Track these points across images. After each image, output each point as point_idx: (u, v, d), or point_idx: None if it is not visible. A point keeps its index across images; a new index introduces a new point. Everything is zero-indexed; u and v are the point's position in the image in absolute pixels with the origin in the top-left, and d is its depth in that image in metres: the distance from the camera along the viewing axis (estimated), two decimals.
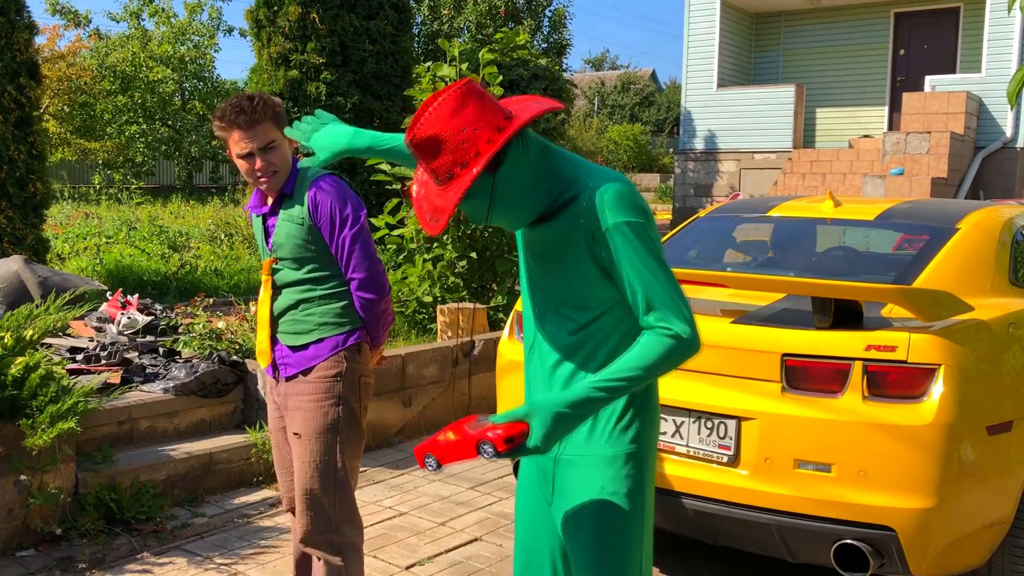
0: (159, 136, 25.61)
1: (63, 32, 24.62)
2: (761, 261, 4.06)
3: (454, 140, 1.75)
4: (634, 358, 1.80)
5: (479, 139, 1.76)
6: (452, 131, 1.75)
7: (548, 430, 1.74)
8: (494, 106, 1.79)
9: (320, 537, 2.78)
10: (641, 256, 1.81)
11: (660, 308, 1.81)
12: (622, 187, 1.83)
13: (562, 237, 1.88)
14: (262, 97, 2.64)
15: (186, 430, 4.74)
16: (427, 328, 7.03)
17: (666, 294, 1.82)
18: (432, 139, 1.77)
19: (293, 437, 2.76)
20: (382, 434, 5.42)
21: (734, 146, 16.33)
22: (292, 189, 2.73)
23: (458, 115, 1.76)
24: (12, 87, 8.19)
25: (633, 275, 1.82)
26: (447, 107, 1.76)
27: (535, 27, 21.80)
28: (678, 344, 1.80)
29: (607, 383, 1.78)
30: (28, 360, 3.77)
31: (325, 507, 2.75)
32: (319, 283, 2.74)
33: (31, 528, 3.83)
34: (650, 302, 1.82)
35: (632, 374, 1.79)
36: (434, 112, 1.77)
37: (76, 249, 10.52)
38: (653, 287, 1.81)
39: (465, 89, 1.78)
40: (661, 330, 1.81)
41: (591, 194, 1.83)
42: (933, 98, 13.65)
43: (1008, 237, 3.71)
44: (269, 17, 11.61)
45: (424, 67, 7.67)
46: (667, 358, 1.80)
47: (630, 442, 1.92)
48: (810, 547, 3.01)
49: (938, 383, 2.87)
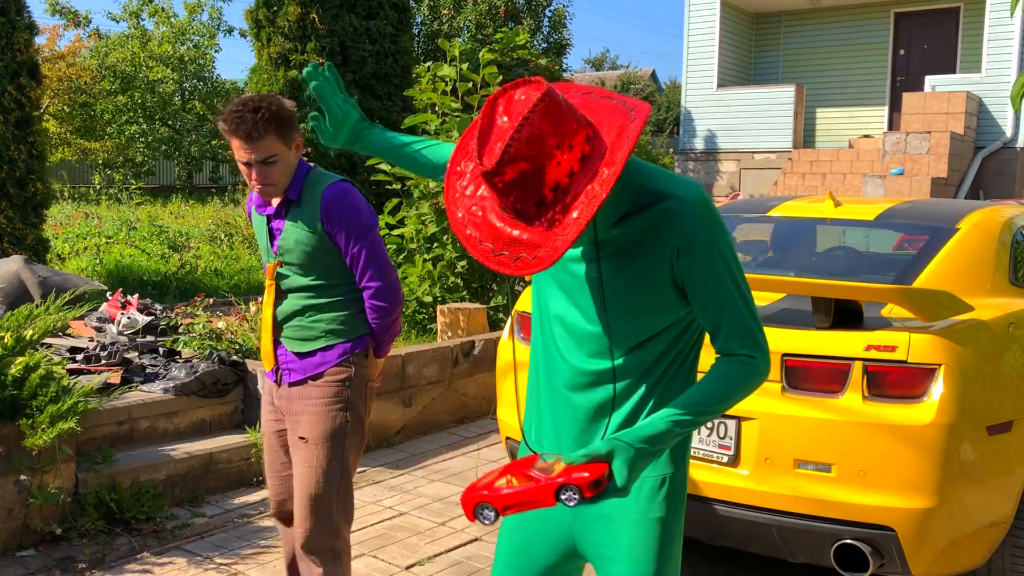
0: (159, 136, 25.61)
1: (63, 32, 24.65)
2: (761, 261, 4.06)
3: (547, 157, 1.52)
4: (716, 386, 1.68)
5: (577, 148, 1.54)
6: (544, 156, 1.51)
7: (632, 470, 1.60)
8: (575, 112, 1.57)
9: (322, 543, 2.73)
10: (732, 277, 1.70)
11: (745, 334, 1.71)
12: (706, 197, 1.71)
13: (644, 238, 1.71)
14: (268, 107, 2.51)
15: (186, 430, 4.74)
16: (427, 328, 7.03)
17: (752, 320, 1.72)
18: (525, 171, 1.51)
19: (298, 441, 2.71)
20: (382, 434, 5.42)
21: (734, 146, 16.33)
22: (300, 195, 2.65)
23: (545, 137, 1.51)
24: (12, 87, 8.19)
25: (721, 296, 1.69)
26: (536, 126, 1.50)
27: (535, 27, 21.79)
28: (759, 372, 1.71)
29: (688, 415, 1.65)
30: (28, 360, 3.77)
31: (331, 512, 2.72)
32: (327, 290, 2.69)
33: (31, 528, 3.83)
34: (736, 327, 1.70)
35: (715, 404, 1.67)
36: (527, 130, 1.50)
37: (76, 249, 10.53)
38: (740, 312, 1.70)
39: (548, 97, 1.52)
40: (745, 358, 1.71)
41: (679, 207, 1.68)
42: (933, 98, 13.65)
43: (1008, 237, 3.71)
44: (269, 17, 11.62)
45: (424, 67, 7.67)
46: (747, 387, 1.71)
47: (674, 464, 1.82)
48: (810, 547, 3.01)
49: (938, 383, 2.87)
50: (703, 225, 1.67)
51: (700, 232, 1.67)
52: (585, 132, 1.55)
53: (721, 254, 1.69)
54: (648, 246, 1.70)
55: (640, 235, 1.71)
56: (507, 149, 1.49)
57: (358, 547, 3.94)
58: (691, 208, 1.67)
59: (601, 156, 1.55)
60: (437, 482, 4.82)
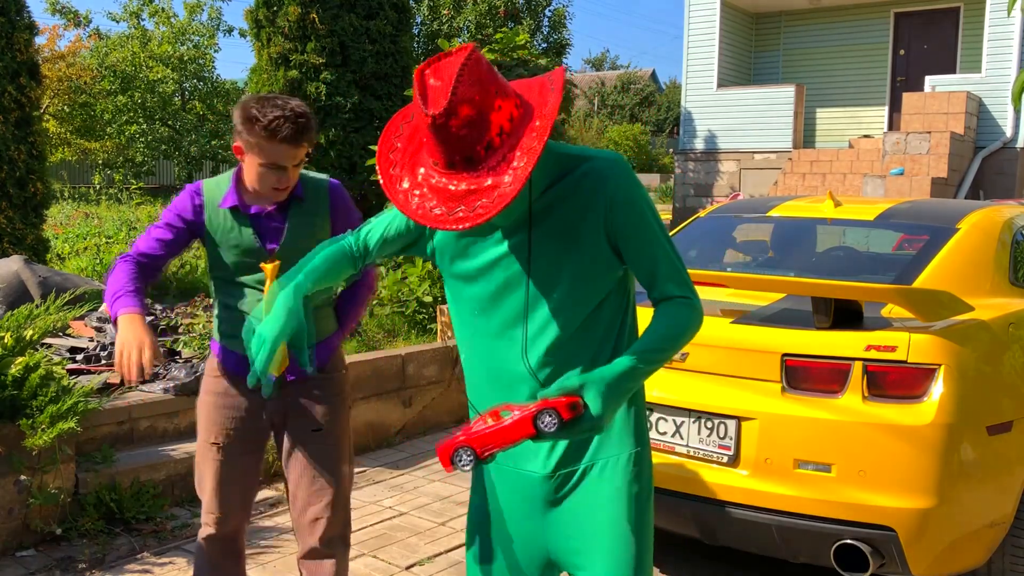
0: (159, 136, 25.62)
1: (63, 32, 24.66)
2: (761, 261, 4.06)
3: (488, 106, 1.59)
4: (666, 327, 1.75)
5: (511, 104, 1.63)
6: (487, 96, 1.59)
7: (605, 402, 1.64)
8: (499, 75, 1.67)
9: (340, 531, 2.71)
10: (660, 227, 1.80)
11: (679, 278, 1.80)
12: (622, 160, 1.81)
13: (574, 202, 1.79)
14: (306, 113, 2.52)
15: (186, 430, 4.74)
16: (427, 328, 7.03)
17: (681, 265, 1.81)
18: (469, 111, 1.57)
19: (311, 435, 2.67)
20: (382, 434, 5.42)
21: (734, 146, 16.33)
22: (304, 193, 2.67)
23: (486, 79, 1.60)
24: (12, 87, 8.19)
25: (652, 246, 1.78)
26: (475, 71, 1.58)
27: (535, 27, 21.79)
28: (698, 313, 1.79)
29: (648, 355, 1.72)
30: (28, 360, 3.77)
31: (348, 499, 2.73)
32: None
33: (31, 528, 3.83)
34: (670, 272, 1.79)
35: (669, 343, 1.74)
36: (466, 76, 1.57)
37: (76, 249, 10.53)
38: (671, 258, 1.80)
39: (474, 51, 1.60)
40: (683, 300, 1.79)
41: (604, 164, 1.78)
42: (933, 98, 13.65)
43: (1008, 237, 3.71)
44: (269, 17, 11.62)
45: None
46: (691, 327, 1.78)
47: (642, 439, 1.89)
48: (810, 547, 3.01)
49: (938, 383, 2.87)
50: (627, 181, 1.77)
51: (626, 188, 1.76)
52: (513, 90, 1.66)
53: (648, 206, 1.79)
54: (579, 208, 1.78)
55: (569, 200, 1.78)
56: (455, 90, 1.55)
57: (358, 547, 3.94)
58: (612, 167, 1.78)
59: (531, 110, 1.64)
60: (437, 482, 4.82)
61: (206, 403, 2.71)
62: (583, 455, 1.87)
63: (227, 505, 2.69)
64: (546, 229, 1.80)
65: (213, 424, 2.68)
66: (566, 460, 1.87)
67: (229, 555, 2.76)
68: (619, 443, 1.86)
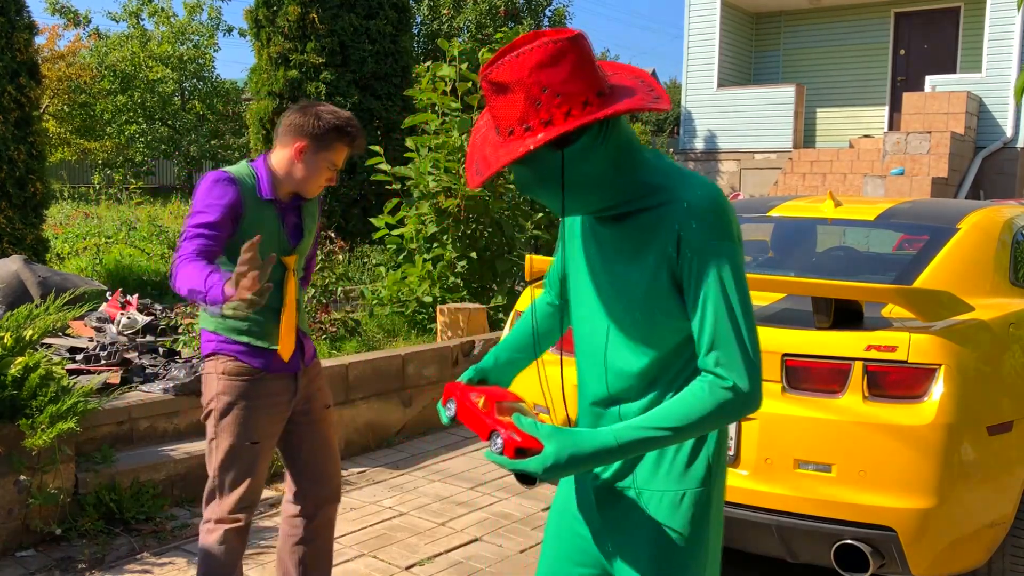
0: (159, 136, 25.63)
1: (63, 32, 24.67)
2: (761, 261, 4.06)
3: (529, 96, 1.49)
4: (678, 406, 1.56)
5: (558, 108, 1.49)
6: (531, 84, 1.49)
7: (558, 462, 1.53)
8: (591, 76, 1.51)
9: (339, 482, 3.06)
10: (727, 286, 1.56)
11: (726, 351, 1.55)
12: (720, 199, 1.58)
13: (645, 235, 1.64)
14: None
15: (186, 430, 4.74)
16: (427, 328, 7.03)
17: (739, 337, 1.55)
18: (505, 85, 1.51)
19: (324, 410, 2.98)
20: (382, 434, 5.42)
21: (734, 146, 16.34)
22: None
23: (545, 70, 1.49)
24: (12, 87, 8.19)
25: (711, 305, 1.56)
26: (537, 56, 1.49)
27: (535, 27, 21.80)
28: (734, 400, 1.55)
29: (641, 434, 1.55)
30: (28, 360, 3.77)
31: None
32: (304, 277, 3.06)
33: (31, 528, 3.83)
34: (717, 341, 1.56)
35: (670, 427, 1.55)
36: (522, 58, 1.49)
37: (76, 249, 10.53)
38: (726, 325, 1.55)
39: (565, 45, 1.49)
40: (716, 379, 1.56)
41: (684, 203, 1.59)
42: (933, 98, 13.65)
43: (1008, 237, 3.71)
44: (268, 17, 11.62)
45: (424, 67, 7.67)
46: (717, 413, 1.55)
47: (698, 481, 1.71)
48: (810, 547, 3.01)
49: (938, 383, 2.87)
50: (709, 225, 1.57)
51: (702, 231, 1.57)
52: (586, 95, 1.51)
53: (725, 260, 1.57)
54: (650, 245, 1.64)
55: (641, 234, 1.65)
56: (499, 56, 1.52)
57: (358, 547, 3.94)
58: (699, 204, 1.58)
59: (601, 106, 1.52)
60: (437, 482, 4.82)
61: (242, 408, 2.72)
62: (636, 478, 1.74)
63: (258, 495, 2.85)
64: (609, 253, 1.71)
65: (253, 426, 2.75)
66: (618, 476, 1.77)
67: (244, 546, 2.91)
68: (668, 480, 1.72)
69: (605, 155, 1.58)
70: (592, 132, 1.56)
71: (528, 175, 1.60)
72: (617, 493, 1.77)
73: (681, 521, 1.71)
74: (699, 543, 1.72)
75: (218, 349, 2.76)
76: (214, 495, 2.78)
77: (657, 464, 1.72)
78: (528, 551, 3.93)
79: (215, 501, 2.78)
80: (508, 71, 1.50)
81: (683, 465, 1.71)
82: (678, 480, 1.71)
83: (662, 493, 1.71)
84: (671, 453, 1.72)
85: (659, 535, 1.71)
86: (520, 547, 3.97)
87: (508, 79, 1.50)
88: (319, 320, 6.00)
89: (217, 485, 2.78)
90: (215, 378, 2.76)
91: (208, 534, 2.77)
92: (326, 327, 5.96)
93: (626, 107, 1.49)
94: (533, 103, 1.50)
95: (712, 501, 1.74)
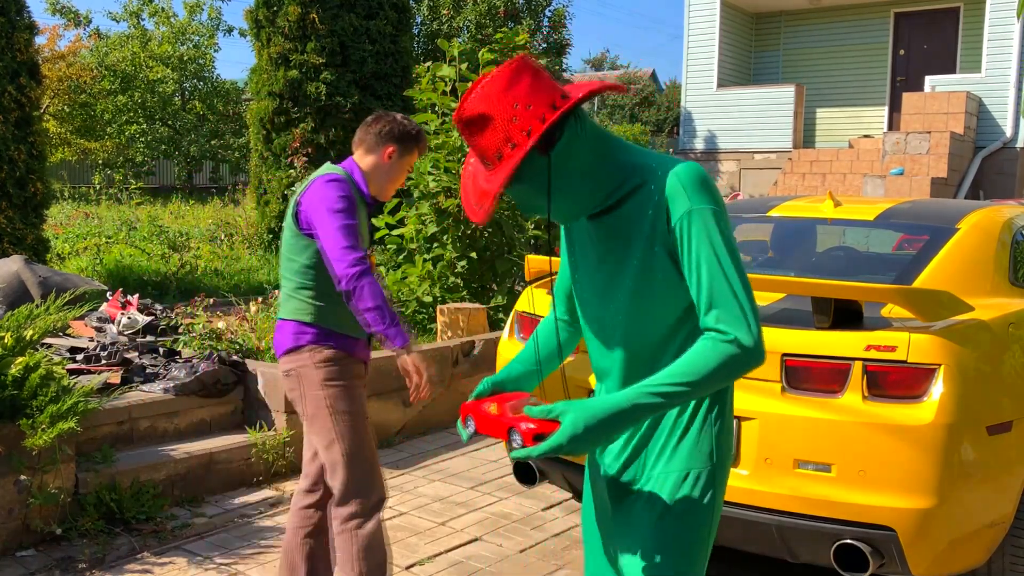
0: (159, 136, 25.63)
1: (63, 32, 24.65)
2: (761, 261, 4.06)
3: (504, 117, 1.60)
4: (685, 365, 1.60)
5: (532, 116, 1.60)
6: (503, 108, 1.60)
7: (576, 432, 1.57)
8: (549, 84, 1.64)
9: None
10: (717, 246, 1.62)
11: (724, 308, 1.61)
12: (699, 169, 1.67)
13: (631, 226, 1.72)
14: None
15: (186, 430, 4.74)
16: (427, 328, 7.03)
17: (734, 293, 1.61)
18: (481, 117, 1.62)
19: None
20: (382, 434, 5.42)
21: (734, 146, 16.34)
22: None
23: (510, 91, 1.61)
24: (12, 87, 8.19)
25: (704, 266, 1.62)
26: (499, 82, 1.61)
27: (535, 27, 21.78)
28: (739, 353, 1.60)
29: (651, 393, 1.59)
30: (28, 360, 3.77)
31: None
32: None
33: (31, 528, 3.83)
34: (714, 300, 1.61)
35: (680, 384, 1.59)
36: (485, 88, 1.62)
37: (76, 249, 10.53)
38: (721, 283, 1.61)
39: (519, 64, 1.62)
40: (718, 335, 1.61)
41: (665, 177, 1.67)
42: (933, 98, 13.65)
43: (1008, 237, 3.71)
44: (269, 17, 11.62)
45: (424, 67, 7.67)
46: (723, 368, 1.60)
47: (703, 461, 1.77)
48: (810, 547, 3.01)
49: (938, 383, 2.87)
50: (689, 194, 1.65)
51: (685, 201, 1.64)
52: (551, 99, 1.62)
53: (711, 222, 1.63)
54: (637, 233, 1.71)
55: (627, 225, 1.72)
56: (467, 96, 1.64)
57: None
58: (675, 177, 1.66)
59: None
60: (437, 482, 4.82)
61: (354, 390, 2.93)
62: (644, 463, 1.81)
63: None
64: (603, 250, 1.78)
65: (363, 403, 2.97)
66: (627, 462, 1.83)
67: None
68: (674, 461, 1.77)
69: (587, 146, 1.68)
70: (570, 127, 1.66)
71: (526, 190, 1.70)
72: (628, 481, 1.83)
73: (687, 499, 1.76)
74: (704, 521, 1.78)
75: (316, 341, 2.89)
76: (352, 489, 2.90)
77: (664, 447, 1.78)
78: (528, 551, 3.93)
79: (356, 496, 2.90)
80: (481, 102, 1.62)
81: (689, 446, 1.77)
82: (685, 460, 1.77)
83: (667, 474, 1.77)
84: (677, 435, 1.78)
85: (666, 512, 1.76)
86: (520, 547, 3.97)
87: (483, 109, 1.62)
88: None
89: (353, 476, 2.89)
90: (313, 369, 2.88)
91: (358, 529, 2.89)
92: None
93: (588, 90, 1.61)
94: (510, 121, 1.61)
95: (719, 480, 1.79)
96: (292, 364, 2.91)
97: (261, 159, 11.93)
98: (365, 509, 2.90)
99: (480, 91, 1.62)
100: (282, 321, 2.94)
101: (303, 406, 2.93)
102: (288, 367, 2.92)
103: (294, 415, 4.84)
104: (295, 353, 2.90)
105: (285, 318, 2.94)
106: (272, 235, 11.76)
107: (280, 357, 2.96)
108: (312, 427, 2.92)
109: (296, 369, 2.90)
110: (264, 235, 11.95)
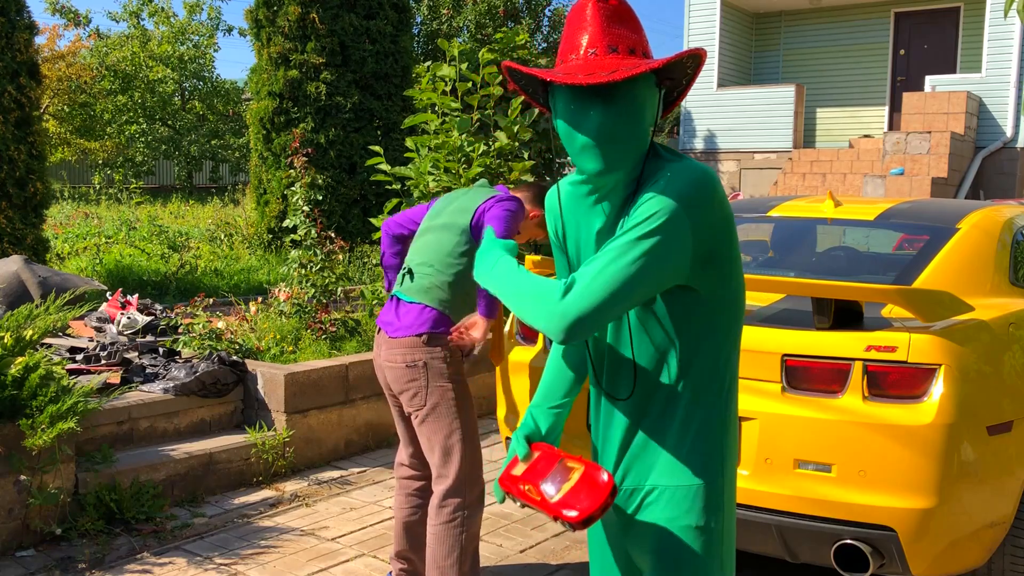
0: (159, 136, 25.64)
1: (63, 32, 24.68)
2: (761, 261, 4.06)
3: (640, 30, 1.70)
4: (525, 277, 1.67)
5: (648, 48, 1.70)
6: (637, 22, 1.71)
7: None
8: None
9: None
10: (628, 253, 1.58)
11: (581, 278, 1.59)
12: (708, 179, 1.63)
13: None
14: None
15: (186, 430, 4.74)
16: None
17: (598, 273, 1.58)
18: (629, 13, 1.69)
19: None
20: (382, 434, 5.42)
21: (734, 146, 16.33)
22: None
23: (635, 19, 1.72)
24: (12, 87, 8.19)
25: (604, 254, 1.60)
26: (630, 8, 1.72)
27: (535, 27, 21.79)
28: (551, 303, 1.58)
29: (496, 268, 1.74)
30: (28, 360, 3.77)
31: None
32: None
33: (31, 528, 3.83)
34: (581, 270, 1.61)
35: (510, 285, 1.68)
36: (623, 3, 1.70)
37: (76, 249, 10.53)
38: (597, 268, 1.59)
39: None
40: (562, 283, 1.60)
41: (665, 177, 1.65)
42: (933, 98, 13.65)
43: (1008, 237, 3.71)
44: (269, 17, 11.62)
45: (424, 67, 7.67)
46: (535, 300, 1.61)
47: (711, 474, 1.75)
48: (810, 547, 3.01)
49: (938, 383, 2.87)
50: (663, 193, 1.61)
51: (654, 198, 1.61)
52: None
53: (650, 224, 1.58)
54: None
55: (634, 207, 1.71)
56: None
57: (358, 547, 3.94)
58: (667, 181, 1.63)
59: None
60: None
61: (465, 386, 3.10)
62: (648, 475, 1.79)
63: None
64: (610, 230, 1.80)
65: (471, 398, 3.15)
66: (632, 475, 1.81)
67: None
68: (681, 473, 1.75)
69: (654, 109, 1.70)
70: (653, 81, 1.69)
71: (622, 111, 1.63)
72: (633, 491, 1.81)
73: (695, 513, 1.75)
74: (712, 537, 1.76)
75: (447, 332, 3.04)
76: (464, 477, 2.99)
77: (671, 461, 1.76)
78: (528, 551, 3.93)
79: (467, 485, 3.00)
80: (626, 7, 1.68)
81: (697, 460, 1.75)
82: (691, 475, 1.75)
83: (675, 488, 1.76)
84: (684, 450, 1.75)
85: (668, 529, 1.75)
86: (520, 547, 3.97)
87: (626, 12, 1.67)
88: (319, 320, 6.00)
89: (466, 464, 2.99)
90: (442, 362, 3.01)
91: (468, 520, 2.99)
92: (326, 327, 5.96)
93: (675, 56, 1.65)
94: (643, 34, 1.69)
95: (725, 492, 1.77)
96: (421, 356, 3.00)
97: (261, 159, 11.92)
98: (472, 500, 3.03)
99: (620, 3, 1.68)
100: (414, 304, 3.05)
101: (423, 396, 3.01)
102: (416, 358, 3.01)
103: (294, 415, 4.85)
104: (424, 347, 3.01)
105: (425, 303, 3.04)
106: (272, 235, 11.75)
107: (399, 337, 3.02)
108: (430, 416, 3.02)
109: (424, 360, 3.01)
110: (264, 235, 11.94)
